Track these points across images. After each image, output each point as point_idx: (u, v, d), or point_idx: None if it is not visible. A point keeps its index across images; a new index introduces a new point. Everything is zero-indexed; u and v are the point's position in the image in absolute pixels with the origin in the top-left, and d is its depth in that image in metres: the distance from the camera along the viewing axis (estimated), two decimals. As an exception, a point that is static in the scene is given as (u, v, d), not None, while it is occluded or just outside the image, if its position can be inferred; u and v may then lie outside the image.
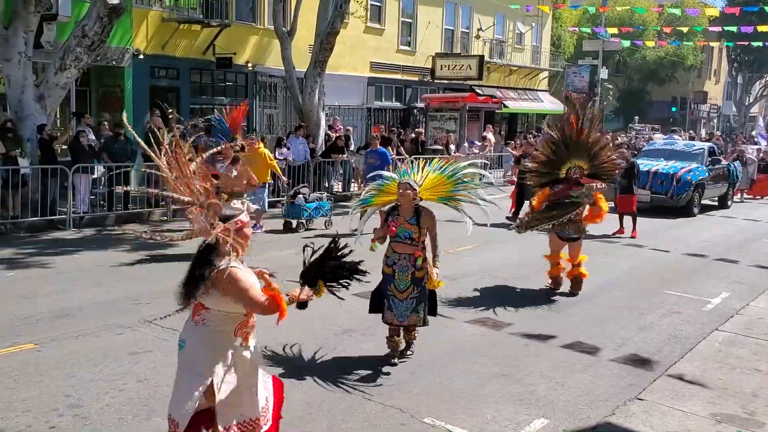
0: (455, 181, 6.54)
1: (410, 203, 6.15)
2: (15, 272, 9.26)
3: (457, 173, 6.57)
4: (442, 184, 6.53)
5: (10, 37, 12.84)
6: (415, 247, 6.15)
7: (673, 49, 44.55)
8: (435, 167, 6.60)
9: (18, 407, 5.07)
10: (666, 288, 9.54)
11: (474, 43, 30.95)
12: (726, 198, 19.07)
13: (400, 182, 6.23)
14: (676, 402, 5.66)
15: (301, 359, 6.28)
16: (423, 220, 6.17)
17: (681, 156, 18.02)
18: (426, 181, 6.47)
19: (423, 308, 6.21)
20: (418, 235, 6.17)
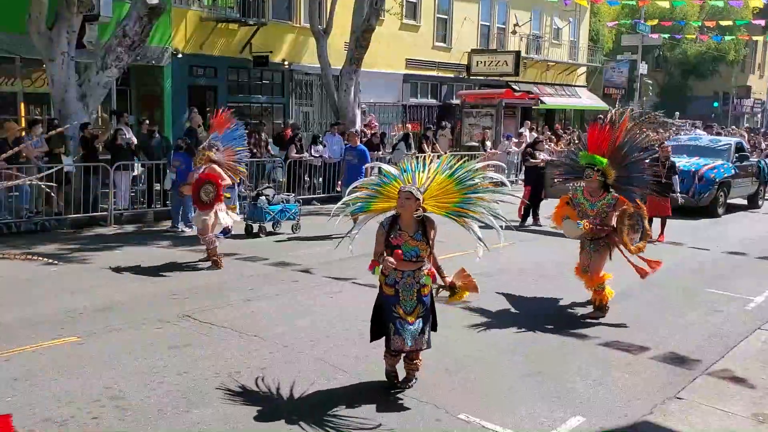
0: (464, 190, 5.44)
1: (412, 215, 5.26)
2: (58, 267, 9.49)
3: (466, 180, 5.44)
4: (450, 192, 5.45)
5: (53, 37, 13.14)
6: (421, 263, 5.37)
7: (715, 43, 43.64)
8: (444, 167, 5.52)
9: (62, 398, 5.20)
10: (706, 286, 9.36)
11: (510, 39, 30.73)
12: (756, 197, 17.96)
13: (402, 190, 5.26)
14: (717, 401, 5.55)
15: (337, 355, 6.31)
16: (428, 233, 5.32)
17: (705, 152, 16.82)
18: (432, 186, 5.46)
19: (428, 329, 5.47)
20: (426, 252, 5.35)
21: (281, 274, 9.35)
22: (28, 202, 12.57)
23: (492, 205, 5.46)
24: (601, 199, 7.64)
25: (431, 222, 5.34)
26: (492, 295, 8.52)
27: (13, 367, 5.76)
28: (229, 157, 10.30)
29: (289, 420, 4.97)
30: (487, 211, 5.42)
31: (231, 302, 7.86)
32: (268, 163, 16.26)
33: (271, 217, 12.18)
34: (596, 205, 7.64)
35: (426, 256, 5.38)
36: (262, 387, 5.53)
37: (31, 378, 5.56)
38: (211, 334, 6.74)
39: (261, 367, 5.93)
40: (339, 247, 5.76)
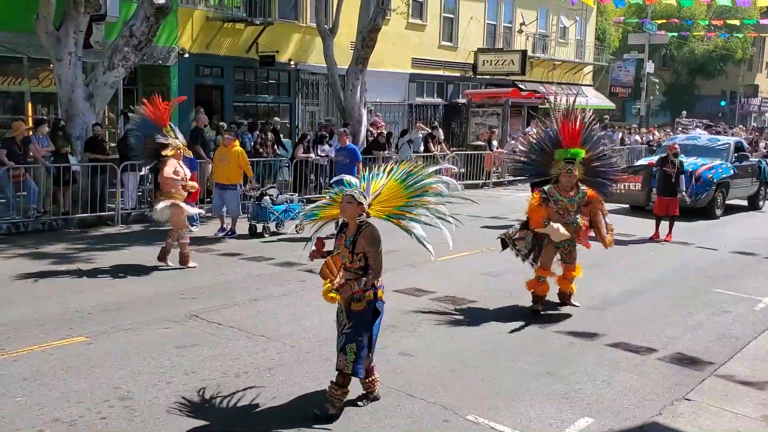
0: (410, 194, 5.21)
1: (354, 220, 5.02)
2: (66, 267, 9.52)
3: (416, 184, 5.25)
4: (397, 196, 5.21)
5: (61, 37, 13.18)
6: (352, 275, 5.02)
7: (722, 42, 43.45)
8: (400, 173, 5.33)
9: (71, 398, 5.22)
10: (714, 286, 9.32)
11: (517, 38, 30.67)
12: (757, 198, 17.49)
13: (344, 193, 5.08)
14: (726, 403, 5.53)
15: (344, 355, 6.30)
16: (357, 243, 4.98)
17: (703, 152, 16.30)
18: (383, 191, 5.24)
19: (354, 350, 4.94)
20: (350, 261, 5.02)
21: (287, 273, 9.35)
22: (35, 201, 12.61)
23: (438, 207, 5.23)
24: (576, 194, 7.70)
25: (367, 233, 4.98)
26: (499, 296, 8.51)
27: (23, 367, 5.78)
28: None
29: (297, 420, 4.97)
30: (432, 213, 5.19)
31: (238, 302, 7.87)
32: (275, 163, 16.28)
33: (275, 217, 12.16)
34: (574, 200, 7.67)
35: (353, 266, 5.01)
36: (270, 387, 5.53)
37: (40, 378, 5.57)
38: (218, 334, 6.75)
39: (269, 368, 5.94)
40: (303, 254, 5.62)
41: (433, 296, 8.34)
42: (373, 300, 5.07)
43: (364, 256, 4.99)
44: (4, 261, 9.87)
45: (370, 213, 5.11)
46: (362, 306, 5.03)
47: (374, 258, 5.00)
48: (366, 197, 5.08)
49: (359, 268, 5.02)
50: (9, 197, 12.25)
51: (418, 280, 9.10)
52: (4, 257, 10.08)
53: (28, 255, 10.25)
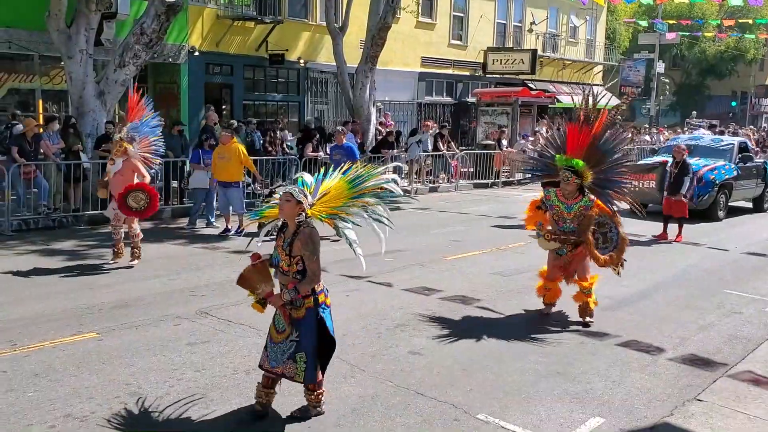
0: (352, 195, 4.97)
1: (292, 219, 4.72)
2: (76, 263, 9.56)
3: (360, 184, 5.01)
4: (340, 196, 4.98)
5: (72, 35, 13.24)
6: (290, 278, 4.75)
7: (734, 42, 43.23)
8: (353, 174, 5.09)
9: (82, 394, 5.24)
10: (726, 287, 9.27)
11: (527, 37, 30.62)
12: (762, 200, 17.07)
13: (284, 191, 4.79)
14: (738, 404, 5.49)
15: (355, 353, 6.30)
16: (294, 245, 4.69)
17: (706, 152, 15.91)
18: (330, 192, 5.00)
19: (304, 359, 4.76)
20: (287, 264, 4.73)
21: (297, 271, 9.34)
22: (46, 198, 12.67)
23: (376, 208, 4.99)
24: (577, 202, 7.23)
25: (305, 234, 4.68)
26: (508, 295, 8.49)
27: (34, 363, 5.80)
28: (144, 148, 9.82)
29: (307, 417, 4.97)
30: (369, 214, 4.95)
31: (248, 299, 7.81)
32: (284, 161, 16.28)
33: None
34: (573, 208, 7.24)
35: (291, 269, 4.74)
36: (280, 385, 5.52)
37: (52, 374, 5.59)
38: (228, 331, 6.76)
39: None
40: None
41: (442, 295, 8.33)
42: (314, 306, 4.78)
43: (302, 259, 4.69)
44: (15, 257, 9.92)
45: (310, 213, 4.80)
46: (301, 313, 4.78)
47: (309, 262, 4.68)
48: (307, 196, 4.80)
49: (297, 272, 4.72)
50: (20, 194, 12.32)
51: (427, 279, 9.10)
52: (15, 254, 10.13)
53: (38, 252, 10.30)
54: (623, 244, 7.44)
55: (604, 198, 7.41)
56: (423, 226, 13.09)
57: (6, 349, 6.12)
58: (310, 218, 4.79)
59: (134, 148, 9.37)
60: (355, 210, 4.93)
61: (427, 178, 19.59)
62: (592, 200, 7.25)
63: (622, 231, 7.44)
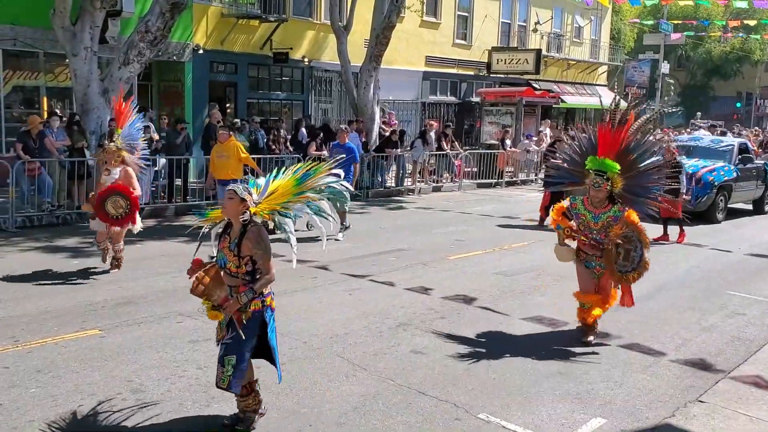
0: (296, 191, 4.81)
1: (237, 218, 4.52)
2: (79, 260, 9.58)
3: (306, 182, 4.85)
4: (285, 194, 4.82)
5: (77, 32, 13.26)
6: (236, 279, 4.56)
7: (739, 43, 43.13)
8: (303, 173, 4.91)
9: (84, 390, 5.25)
10: (729, 288, 9.25)
11: (531, 37, 30.58)
12: (762, 202, 16.86)
13: (227, 188, 4.63)
14: (740, 406, 5.48)
15: (356, 352, 6.31)
16: (243, 245, 4.48)
17: (705, 153, 15.76)
18: (278, 190, 4.82)
19: (233, 363, 4.50)
20: (235, 265, 4.53)
21: (299, 270, 9.34)
22: (50, 195, 12.70)
23: (319, 202, 4.86)
24: (605, 211, 6.59)
25: (254, 232, 4.50)
26: (511, 295, 8.48)
27: (36, 359, 5.82)
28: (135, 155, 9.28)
29: (309, 416, 4.98)
30: (312, 211, 4.80)
31: (250, 298, 7.88)
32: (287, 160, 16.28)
33: None
34: (600, 218, 6.59)
35: (240, 270, 4.52)
36: (282, 382, 5.52)
37: (54, 370, 5.61)
38: (230, 329, 6.76)
39: (281, 363, 5.93)
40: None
41: (444, 295, 8.33)
42: (260, 309, 4.58)
43: (252, 259, 4.49)
44: (19, 254, 9.95)
45: (254, 211, 4.60)
46: (247, 316, 4.55)
47: (263, 261, 4.49)
48: (252, 194, 4.61)
49: (247, 273, 4.52)
50: (24, 191, 12.35)
51: (429, 278, 9.10)
52: (18, 250, 10.16)
53: (42, 248, 10.33)
54: (644, 268, 6.64)
55: (638, 206, 6.71)
56: (426, 225, 13.09)
57: (9, 345, 6.14)
58: (255, 216, 4.61)
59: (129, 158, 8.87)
60: (297, 205, 4.77)
61: (431, 177, 19.59)
62: (623, 210, 6.57)
63: (646, 254, 6.60)
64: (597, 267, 6.75)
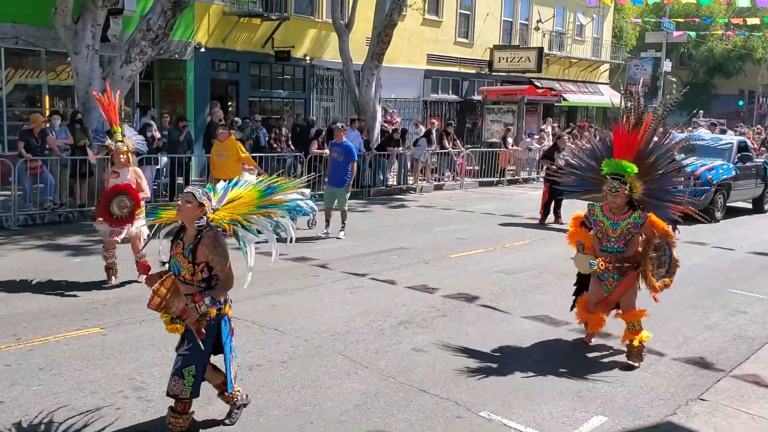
0: (260, 204, 4.59)
1: (192, 223, 4.33)
2: (81, 259, 9.59)
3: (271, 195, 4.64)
4: (249, 203, 4.60)
5: (79, 31, 13.26)
6: (191, 286, 4.39)
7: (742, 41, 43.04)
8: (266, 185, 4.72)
9: (86, 388, 5.26)
10: (731, 287, 9.24)
11: (533, 35, 30.55)
12: (762, 201, 16.80)
13: (185, 191, 4.41)
14: (742, 404, 5.48)
15: (358, 350, 6.31)
16: (198, 251, 4.30)
17: (704, 151, 15.41)
18: (240, 199, 4.62)
19: (193, 373, 4.36)
20: (190, 273, 4.35)
21: (301, 268, 9.37)
22: (52, 193, 12.71)
23: (281, 220, 4.63)
24: (625, 218, 6.22)
25: (211, 237, 4.31)
26: (512, 294, 8.48)
27: (38, 357, 5.83)
28: None
29: (310, 413, 4.99)
30: (271, 226, 4.58)
31: (252, 296, 7.87)
32: (288, 158, 16.31)
33: None
34: (619, 225, 6.23)
35: (195, 278, 4.35)
36: (283, 381, 5.54)
37: (56, 368, 5.62)
38: (232, 327, 6.77)
39: (282, 361, 5.95)
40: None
41: (446, 293, 8.33)
42: (216, 317, 4.45)
43: (208, 266, 4.32)
44: (21, 252, 9.96)
45: (211, 217, 4.41)
46: (203, 324, 4.40)
47: (221, 267, 4.33)
48: (211, 199, 4.43)
49: (203, 280, 4.35)
50: (26, 189, 12.37)
51: (431, 276, 9.10)
52: (20, 248, 10.18)
53: (44, 246, 10.34)
54: (675, 267, 6.44)
55: (661, 212, 6.34)
56: (427, 223, 13.10)
57: (10, 343, 6.15)
58: (213, 222, 4.39)
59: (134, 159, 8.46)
60: (260, 219, 4.53)
61: (433, 176, 19.58)
62: (644, 216, 6.20)
63: (675, 253, 6.39)
64: (610, 279, 6.39)
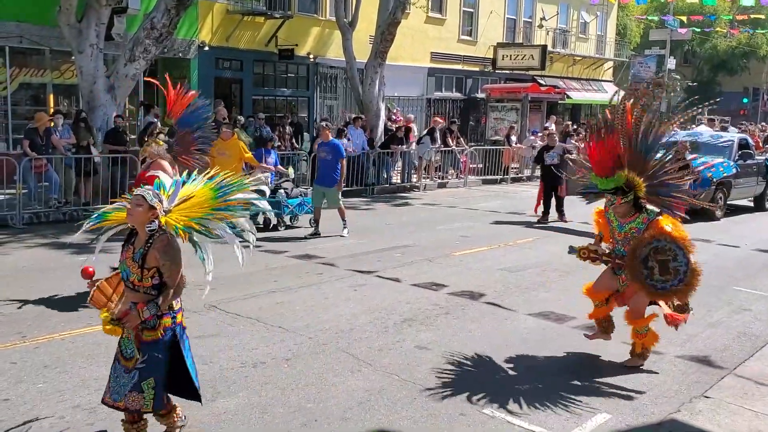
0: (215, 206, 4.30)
1: (143, 227, 4.09)
2: (86, 257, 9.61)
3: (226, 195, 4.33)
4: (203, 205, 4.30)
5: (83, 29, 13.30)
6: (138, 294, 4.14)
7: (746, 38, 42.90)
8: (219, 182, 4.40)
9: (91, 385, 5.28)
10: (735, 284, 9.23)
11: (537, 33, 30.52)
12: (763, 198, 16.64)
13: (136, 192, 4.15)
14: (746, 401, 5.48)
15: (362, 347, 6.32)
16: (149, 256, 4.06)
17: (705, 149, 15.43)
18: (192, 199, 4.32)
19: (152, 385, 4.13)
20: (138, 278, 4.10)
21: (305, 266, 9.38)
22: (57, 192, 12.75)
23: (240, 222, 4.41)
24: (630, 221, 6.01)
25: (160, 244, 4.06)
26: (516, 291, 8.48)
27: (43, 355, 5.85)
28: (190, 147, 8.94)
29: (314, 411, 5.00)
30: (232, 229, 4.36)
31: (256, 294, 7.91)
32: (293, 156, 16.32)
33: (289, 211, 12.09)
34: (624, 228, 6.06)
35: (144, 284, 4.10)
36: (287, 378, 5.56)
37: (61, 365, 5.64)
38: (236, 325, 6.79)
39: (286, 358, 5.97)
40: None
41: (450, 291, 8.33)
42: (171, 327, 4.20)
43: (158, 271, 4.09)
44: (26, 250, 10.00)
45: (164, 220, 4.12)
46: (156, 335, 4.14)
47: (170, 273, 4.10)
48: (162, 201, 4.16)
49: (152, 287, 4.12)
50: (31, 188, 12.40)
51: (435, 274, 9.10)
52: (25, 246, 10.21)
53: (49, 245, 10.37)
54: (694, 278, 5.79)
55: (665, 208, 6.06)
56: (431, 221, 13.08)
57: (16, 341, 6.18)
58: (165, 227, 4.12)
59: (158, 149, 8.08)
60: (218, 225, 4.29)
61: (436, 173, 19.58)
62: (647, 222, 5.94)
63: (693, 260, 5.77)
64: (623, 276, 6.17)
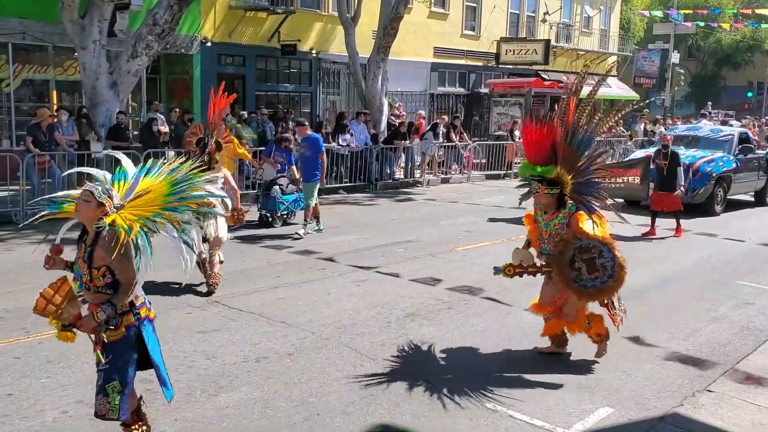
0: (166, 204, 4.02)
1: (91, 224, 3.87)
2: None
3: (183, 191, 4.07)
4: (156, 202, 4.02)
5: (85, 26, 13.31)
6: (92, 294, 3.95)
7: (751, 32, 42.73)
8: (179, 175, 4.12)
9: (94, 380, 5.22)
10: (739, 278, 9.20)
11: (540, 27, 30.45)
12: (764, 193, 16.39)
13: (84, 188, 3.89)
14: (748, 395, 5.47)
15: (364, 342, 6.33)
16: (95, 254, 3.84)
17: (704, 143, 15.38)
18: (149, 194, 4.03)
19: (117, 389, 3.91)
20: (89, 278, 3.90)
21: (307, 262, 9.39)
22: (60, 188, 12.75)
23: (188, 227, 4.13)
24: (553, 218, 5.81)
25: (106, 241, 3.78)
26: (517, 286, 8.45)
27: (47, 350, 5.87)
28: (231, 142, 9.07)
29: (316, 405, 5.01)
30: (179, 234, 4.08)
31: (259, 289, 7.92)
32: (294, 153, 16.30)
33: (284, 207, 11.98)
34: (549, 225, 5.84)
35: (97, 284, 3.90)
36: (290, 372, 5.57)
37: (64, 360, 5.66)
38: (239, 320, 6.81)
39: (288, 353, 5.98)
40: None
41: (452, 286, 8.33)
42: (134, 324, 4.00)
43: (109, 269, 3.85)
44: (29, 246, 10.01)
45: (112, 218, 3.82)
46: (119, 334, 3.95)
47: (121, 270, 3.83)
48: (113, 197, 3.89)
49: (106, 285, 3.88)
50: (34, 184, 12.42)
51: (437, 269, 9.10)
52: (28, 243, 10.23)
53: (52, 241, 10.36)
54: (621, 271, 5.58)
55: (585, 207, 5.80)
56: (434, 216, 13.07)
57: (20, 336, 6.20)
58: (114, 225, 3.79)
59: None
60: (168, 226, 4.03)
61: (439, 169, 19.57)
62: (568, 216, 5.75)
63: (618, 255, 5.56)
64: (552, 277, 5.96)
